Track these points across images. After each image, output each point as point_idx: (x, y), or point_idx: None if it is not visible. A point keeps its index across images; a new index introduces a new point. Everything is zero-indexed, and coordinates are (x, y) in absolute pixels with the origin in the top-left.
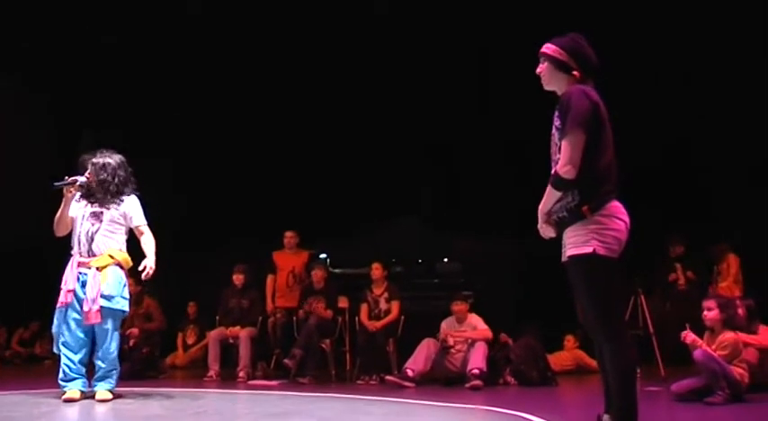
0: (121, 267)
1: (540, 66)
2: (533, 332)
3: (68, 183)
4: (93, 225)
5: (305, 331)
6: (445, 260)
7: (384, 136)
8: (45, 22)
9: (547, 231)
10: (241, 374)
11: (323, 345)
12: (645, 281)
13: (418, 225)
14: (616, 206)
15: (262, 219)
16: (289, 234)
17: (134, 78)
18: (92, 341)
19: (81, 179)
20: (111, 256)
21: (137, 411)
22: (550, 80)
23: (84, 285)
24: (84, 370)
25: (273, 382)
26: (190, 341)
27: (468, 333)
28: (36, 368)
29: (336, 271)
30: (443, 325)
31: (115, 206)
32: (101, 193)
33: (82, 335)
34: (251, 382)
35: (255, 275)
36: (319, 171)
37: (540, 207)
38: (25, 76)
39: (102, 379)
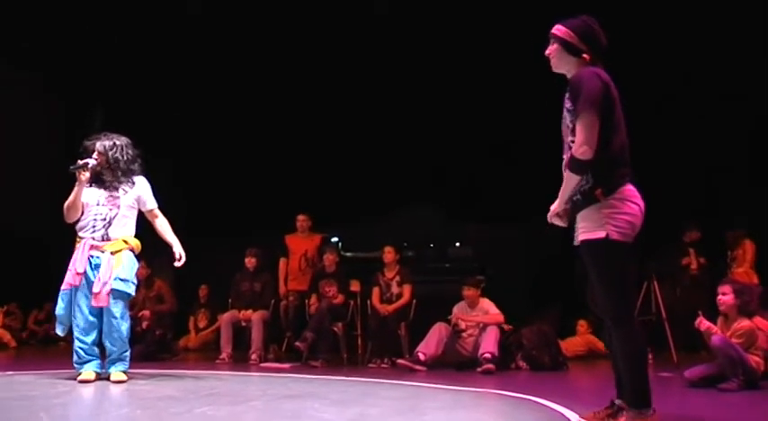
0: (133, 252)
1: (550, 47)
2: (553, 316)
3: (81, 166)
4: (110, 210)
5: (317, 314)
6: (457, 245)
7: (398, 121)
8: (47, 22)
9: (556, 220)
10: (253, 357)
11: (335, 329)
12: (657, 266)
13: (430, 209)
14: (630, 190)
15: (274, 202)
16: (301, 217)
17: (137, 75)
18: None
19: (91, 162)
20: (125, 241)
21: (151, 392)
22: (559, 62)
23: (94, 268)
24: (97, 351)
25: (285, 365)
26: (201, 324)
27: (480, 317)
28: (52, 349)
29: (348, 254)
30: (455, 309)
31: (128, 188)
32: (111, 175)
33: (93, 318)
34: (263, 365)
35: (267, 259)
36: (333, 155)
37: (560, 194)
38: (28, 72)
39: (115, 361)
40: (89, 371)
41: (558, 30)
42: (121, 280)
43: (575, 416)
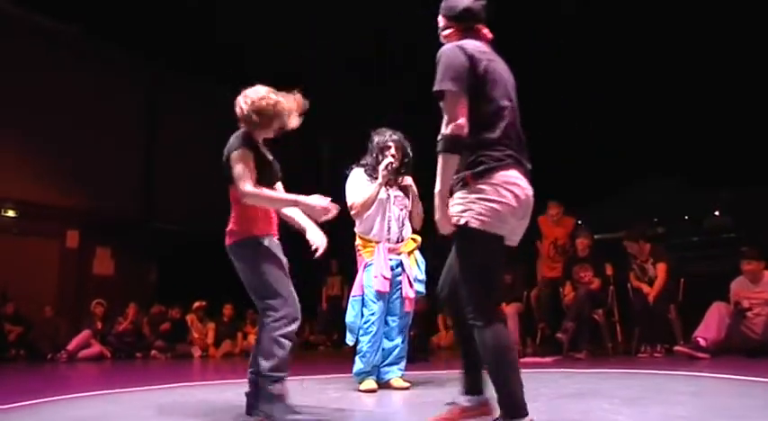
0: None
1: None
2: None
3: (388, 166)
4: (401, 210)
5: (575, 302)
6: (716, 214)
7: (625, 85)
8: None
9: (446, 225)
10: None
11: (595, 317)
12: None
13: (679, 178)
14: (506, 175)
15: None
16: (552, 205)
17: None
18: None
19: (391, 160)
20: (414, 240)
21: (421, 397)
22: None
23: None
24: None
25: (547, 359)
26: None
27: None
28: (310, 355)
29: (596, 237)
30: (734, 286)
31: (407, 189)
32: (394, 174)
33: (384, 324)
34: (523, 360)
35: (516, 248)
36: (558, 130)
37: (437, 190)
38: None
39: (393, 363)
40: (372, 380)
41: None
42: (419, 280)
43: None
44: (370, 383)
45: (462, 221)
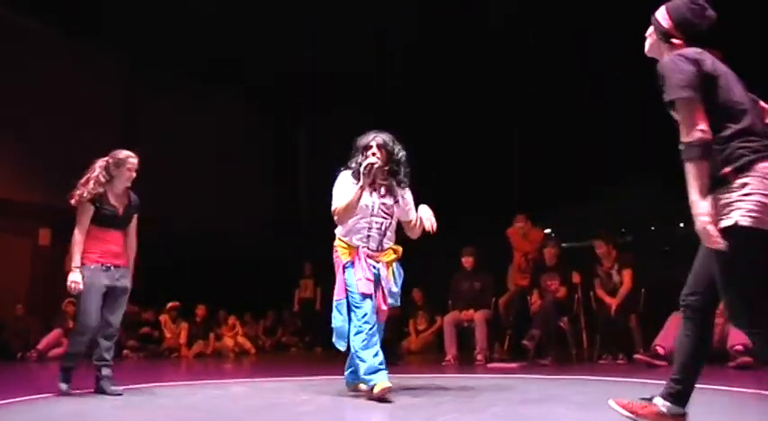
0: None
1: (649, 30)
2: None
3: (370, 167)
4: (385, 219)
5: (541, 310)
6: (681, 225)
7: (598, 91)
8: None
9: (712, 236)
10: (479, 357)
11: (561, 324)
12: None
13: (649, 186)
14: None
15: (481, 196)
16: (519, 222)
17: None
18: None
19: (375, 161)
20: (394, 250)
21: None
22: (651, 47)
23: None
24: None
25: (513, 365)
26: (420, 326)
27: None
28: (284, 356)
29: (563, 245)
30: None
31: (399, 197)
32: (385, 178)
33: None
34: (490, 365)
35: (484, 257)
36: (529, 142)
37: (694, 200)
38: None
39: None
40: (384, 373)
41: (657, 12)
42: (393, 294)
43: None
44: (384, 381)
45: (730, 222)
